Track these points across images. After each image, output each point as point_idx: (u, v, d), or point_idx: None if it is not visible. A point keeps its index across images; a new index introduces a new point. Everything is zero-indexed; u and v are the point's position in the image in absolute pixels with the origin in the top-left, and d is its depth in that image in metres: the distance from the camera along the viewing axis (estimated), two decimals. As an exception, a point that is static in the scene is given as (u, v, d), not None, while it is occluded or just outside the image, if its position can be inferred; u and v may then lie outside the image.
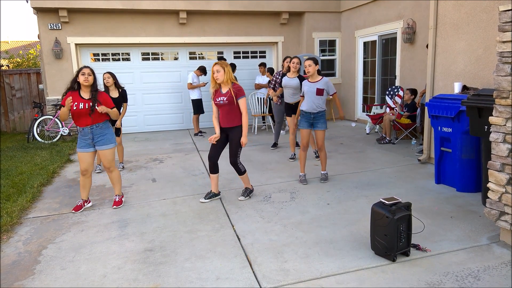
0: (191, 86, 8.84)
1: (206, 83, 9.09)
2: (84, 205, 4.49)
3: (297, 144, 7.46)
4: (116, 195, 4.58)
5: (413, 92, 7.37)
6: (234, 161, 4.48)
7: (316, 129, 5.05)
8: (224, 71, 4.28)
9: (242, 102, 4.34)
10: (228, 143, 4.48)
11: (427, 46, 6.62)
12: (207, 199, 4.58)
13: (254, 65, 10.17)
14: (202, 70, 8.98)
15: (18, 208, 4.43)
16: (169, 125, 10.28)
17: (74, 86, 4.19)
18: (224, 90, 4.34)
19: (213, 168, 4.54)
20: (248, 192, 4.64)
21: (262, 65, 9.36)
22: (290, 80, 6.23)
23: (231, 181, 5.35)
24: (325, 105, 5.12)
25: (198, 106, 8.98)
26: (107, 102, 4.30)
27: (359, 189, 4.82)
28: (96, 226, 3.99)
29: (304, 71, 5.30)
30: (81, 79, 4.14)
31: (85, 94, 4.23)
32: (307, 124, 5.07)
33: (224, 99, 4.31)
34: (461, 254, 3.14)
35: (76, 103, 4.15)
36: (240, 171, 4.56)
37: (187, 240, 3.58)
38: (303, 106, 5.07)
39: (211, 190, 4.64)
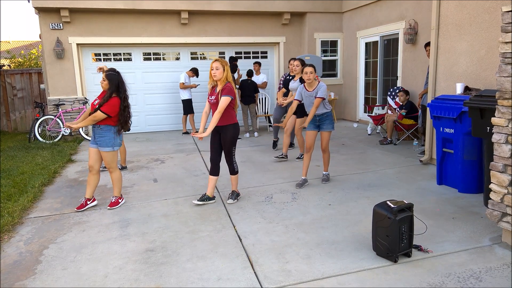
0: (183, 86, 8.91)
1: (197, 85, 9.22)
2: (87, 204, 4.48)
3: (290, 145, 7.42)
4: (113, 196, 4.58)
5: (406, 92, 7.42)
6: (229, 160, 4.45)
7: (321, 130, 5.03)
8: (223, 69, 4.21)
9: (223, 100, 4.15)
10: (222, 142, 4.42)
11: (425, 46, 6.61)
12: (201, 201, 4.48)
13: (255, 66, 10.16)
14: (195, 72, 9.04)
15: (20, 208, 4.43)
16: (171, 125, 10.28)
17: None
18: (219, 88, 4.29)
19: (214, 170, 4.49)
20: (235, 195, 4.57)
21: (257, 64, 9.36)
22: (294, 83, 6.26)
23: (232, 181, 5.34)
24: (329, 105, 5.08)
25: (188, 106, 9.05)
26: (107, 106, 4.19)
27: (360, 190, 4.81)
28: (98, 226, 3.99)
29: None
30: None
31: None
32: (314, 126, 5.04)
33: (213, 98, 4.28)
34: (463, 255, 3.13)
35: (97, 100, 4.32)
36: (234, 171, 4.52)
37: (188, 240, 3.58)
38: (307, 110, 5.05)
39: (205, 193, 4.54)
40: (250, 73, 8.84)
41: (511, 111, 3.07)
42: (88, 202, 4.51)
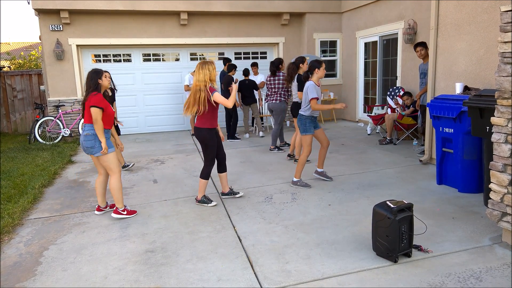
0: (188, 88, 8.87)
1: None
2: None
3: (286, 143, 7.44)
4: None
5: (409, 94, 7.43)
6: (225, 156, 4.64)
7: (319, 128, 5.10)
8: None
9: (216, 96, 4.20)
10: (218, 141, 4.51)
11: (414, 47, 6.59)
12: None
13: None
14: None
15: (20, 209, 4.43)
16: (170, 126, 10.28)
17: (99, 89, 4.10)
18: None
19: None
20: (233, 191, 4.77)
21: (255, 65, 9.36)
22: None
23: (232, 182, 5.34)
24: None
25: None
26: None
27: (360, 190, 4.81)
28: (98, 227, 3.99)
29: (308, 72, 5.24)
30: (106, 82, 4.13)
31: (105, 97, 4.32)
32: (314, 126, 5.07)
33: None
34: (463, 255, 3.13)
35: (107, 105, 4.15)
36: (226, 168, 4.65)
37: (188, 241, 3.58)
38: (316, 112, 4.99)
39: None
40: (246, 72, 8.73)
41: (511, 110, 3.07)
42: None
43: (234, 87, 4.29)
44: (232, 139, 8.40)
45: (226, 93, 8.16)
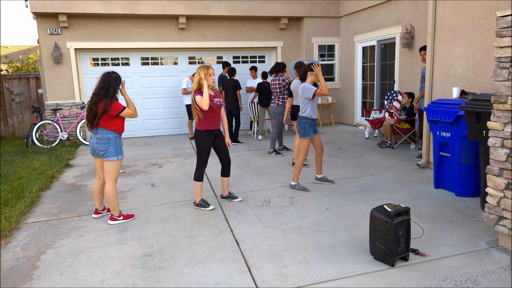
0: (185, 92, 8.89)
1: None
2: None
3: (285, 147, 7.47)
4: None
5: (411, 95, 7.40)
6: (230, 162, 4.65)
7: (317, 133, 5.12)
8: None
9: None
10: (221, 145, 4.53)
11: (419, 50, 6.65)
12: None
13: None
14: None
15: (17, 213, 4.41)
16: (169, 129, 10.29)
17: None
18: (211, 92, 4.42)
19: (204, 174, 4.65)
20: (233, 195, 4.79)
21: (253, 68, 9.40)
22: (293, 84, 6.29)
23: (231, 185, 5.34)
24: (321, 110, 5.13)
25: (191, 111, 9.03)
26: None
27: (358, 194, 4.82)
28: (95, 231, 3.99)
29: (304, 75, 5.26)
30: (124, 91, 4.20)
31: None
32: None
33: (220, 100, 4.50)
34: (460, 259, 3.14)
35: None
36: (229, 173, 4.68)
37: (186, 245, 3.58)
38: (315, 114, 5.00)
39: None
40: (265, 75, 8.66)
41: (507, 115, 3.09)
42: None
43: (205, 86, 4.28)
44: (235, 143, 8.41)
45: (234, 97, 8.30)
